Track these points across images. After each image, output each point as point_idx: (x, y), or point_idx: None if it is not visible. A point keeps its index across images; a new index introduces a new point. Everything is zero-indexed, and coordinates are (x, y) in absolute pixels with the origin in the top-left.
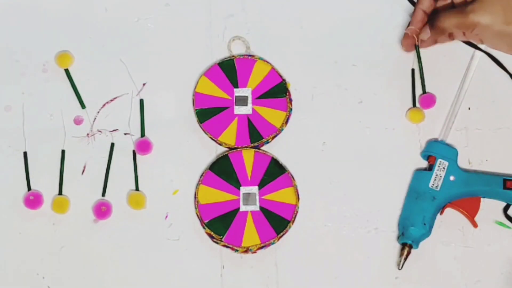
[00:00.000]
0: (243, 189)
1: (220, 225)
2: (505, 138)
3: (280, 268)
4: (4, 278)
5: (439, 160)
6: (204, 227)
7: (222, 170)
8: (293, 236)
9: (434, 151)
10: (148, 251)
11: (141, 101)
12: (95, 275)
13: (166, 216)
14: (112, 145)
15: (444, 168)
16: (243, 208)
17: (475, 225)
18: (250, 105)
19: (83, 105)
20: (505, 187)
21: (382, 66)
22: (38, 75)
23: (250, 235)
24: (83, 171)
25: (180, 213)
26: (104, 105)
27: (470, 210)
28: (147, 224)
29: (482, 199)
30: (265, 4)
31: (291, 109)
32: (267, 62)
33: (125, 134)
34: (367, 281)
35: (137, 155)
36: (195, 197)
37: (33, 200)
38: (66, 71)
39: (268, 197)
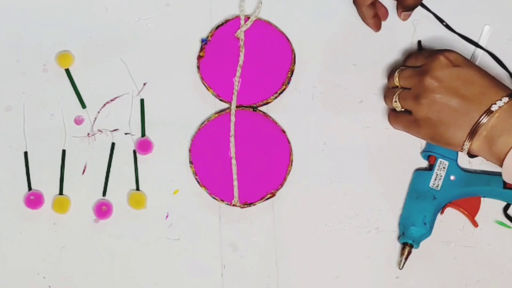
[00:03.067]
0: None
1: None
2: None
3: (281, 267)
4: (5, 278)
5: (440, 159)
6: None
7: None
8: (293, 235)
9: (434, 150)
10: (149, 251)
11: (142, 101)
12: (95, 275)
13: (167, 216)
14: (113, 145)
15: (444, 167)
16: None
17: (475, 224)
18: None
19: (83, 105)
20: (505, 187)
21: (382, 66)
22: (38, 75)
23: None
24: (83, 171)
25: (181, 213)
26: (104, 105)
27: (471, 210)
28: (147, 224)
29: (482, 199)
30: (265, 4)
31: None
32: None
33: (125, 134)
34: (368, 280)
35: (138, 155)
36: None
37: (33, 200)
38: (67, 71)
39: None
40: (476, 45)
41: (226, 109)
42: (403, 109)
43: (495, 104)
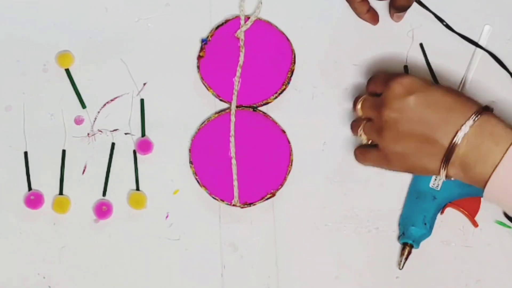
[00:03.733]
0: None
1: None
2: None
3: (280, 268)
4: (5, 278)
5: None
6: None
7: None
8: (293, 235)
9: None
10: (149, 251)
11: (142, 101)
12: (95, 275)
13: (167, 216)
14: (113, 145)
15: None
16: None
17: (475, 224)
18: None
19: (83, 105)
20: None
21: (382, 66)
22: (38, 75)
23: None
24: (83, 171)
25: (181, 213)
26: (104, 105)
27: (471, 210)
28: (147, 224)
29: (482, 199)
30: (263, 9)
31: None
32: None
33: (125, 134)
34: (368, 280)
35: (138, 155)
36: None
37: (33, 200)
38: (67, 71)
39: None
40: (476, 45)
41: (226, 109)
42: (369, 143)
43: (461, 130)
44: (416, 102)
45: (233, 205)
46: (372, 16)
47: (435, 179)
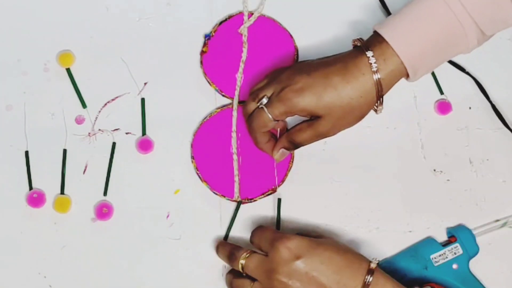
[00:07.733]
0: None
1: None
2: (505, 138)
3: None
4: (6, 278)
5: (457, 244)
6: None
7: None
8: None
9: (461, 236)
10: (149, 251)
11: (143, 100)
12: (96, 274)
13: (168, 216)
14: (114, 144)
15: (455, 253)
16: None
17: None
18: None
19: (84, 105)
20: None
21: None
22: (39, 74)
23: None
24: (84, 171)
25: (181, 213)
26: (105, 104)
27: None
28: (148, 224)
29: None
30: (266, 5)
31: None
32: None
33: (126, 133)
34: None
35: (139, 154)
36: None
37: (36, 198)
38: (68, 70)
39: None
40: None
41: (228, 104)
42: None
43: None
44: (305, 267)
45: (234, 200)
46: (273, 146)
47: (440, 255)
